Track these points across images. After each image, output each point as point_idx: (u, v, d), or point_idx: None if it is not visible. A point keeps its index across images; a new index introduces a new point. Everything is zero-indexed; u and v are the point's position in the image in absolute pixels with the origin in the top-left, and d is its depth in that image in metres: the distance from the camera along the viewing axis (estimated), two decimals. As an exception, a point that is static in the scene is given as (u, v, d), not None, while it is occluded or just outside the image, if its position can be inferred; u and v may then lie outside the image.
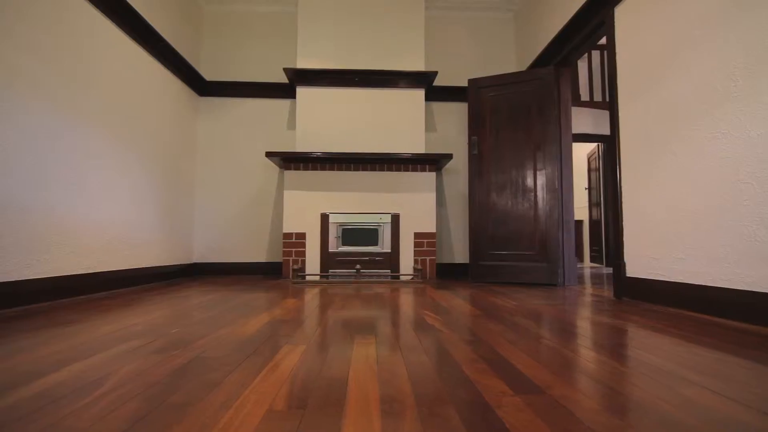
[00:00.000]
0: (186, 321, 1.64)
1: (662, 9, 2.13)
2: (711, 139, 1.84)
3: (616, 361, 1.10)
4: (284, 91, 4.01)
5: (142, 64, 3.00)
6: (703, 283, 1.87)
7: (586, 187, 6.70)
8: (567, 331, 1.49)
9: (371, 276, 3.50)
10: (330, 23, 3.77)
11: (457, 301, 2.29)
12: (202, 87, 3.92)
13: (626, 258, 2.38)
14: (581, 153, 6.85)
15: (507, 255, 3.35)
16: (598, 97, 4.97)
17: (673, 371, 1.01)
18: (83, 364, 1.05)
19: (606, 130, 6.00)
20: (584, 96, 5.01)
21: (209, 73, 4.01)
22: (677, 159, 2.03)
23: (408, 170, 3.64)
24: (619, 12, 2.46)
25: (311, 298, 2.39)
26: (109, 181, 2.63)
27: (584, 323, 1.66)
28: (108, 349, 1.20)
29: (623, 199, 2.41)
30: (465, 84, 4.05)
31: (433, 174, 3.66)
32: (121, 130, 2.75)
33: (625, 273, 2.37)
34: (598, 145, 6.12)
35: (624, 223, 2.40)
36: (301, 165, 3.60)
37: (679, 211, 2.01)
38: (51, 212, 2.14)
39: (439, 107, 4.14)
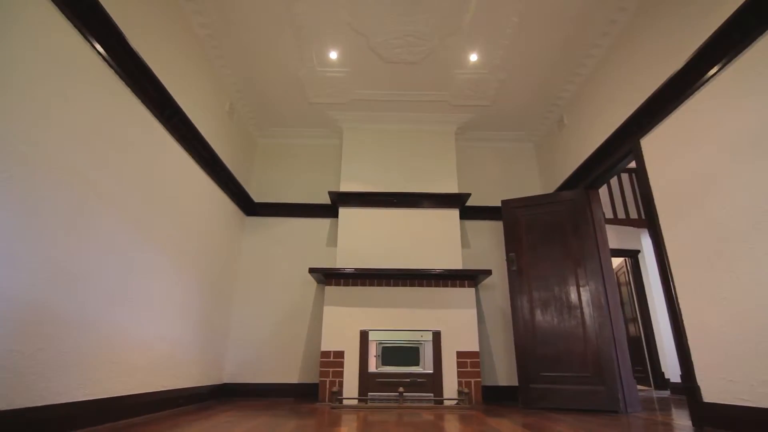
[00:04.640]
0: (251, 452, 1.53)
1: (688, 138, 2.36)
2: (771, 258, 1.87)
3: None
4: (324, 210, 4.28)
5: (204, 187, 3.29)
6: (800, 412, 1.72)
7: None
8: (673, 469, 1.36)
9: (413, 400, 3.27)
10: (371, 152, 4.19)
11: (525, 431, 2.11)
12: (249, 207, 4.21)
13: (699, 381, 2.23)
14: (607, 267, 6.84)
15: (558, 377, 3.15)
16: (621, 214, 5.18)
17: None
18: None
19: (630, 245, 6.10)
20: (607, 213, 5.22)
21: (257, 195, 4.34)
22: (737, 275, 2.04)
23: (447, 286, 3.66)
24: (646, 142, 2.72)
25: (364, 426, 2.23)
26: (161, 298, 2.68)
27: (684, 459, 1.51)
28: (191, 484, 1.12)
29: (683, 317, 2.36)
30: (495, 203, 4.30)
31: (473, 290, 3.66)
32: (179, 248, 2.90)
33: (701, 398, 2.21)
34: (625, 260, 6.16)
35: (690, 342, 2.31)
36: (342, 281, 3.65)
37: (753, 328, 1.95)
38: (103, 329, 2.16)
39: (472, 225, 4.33)
